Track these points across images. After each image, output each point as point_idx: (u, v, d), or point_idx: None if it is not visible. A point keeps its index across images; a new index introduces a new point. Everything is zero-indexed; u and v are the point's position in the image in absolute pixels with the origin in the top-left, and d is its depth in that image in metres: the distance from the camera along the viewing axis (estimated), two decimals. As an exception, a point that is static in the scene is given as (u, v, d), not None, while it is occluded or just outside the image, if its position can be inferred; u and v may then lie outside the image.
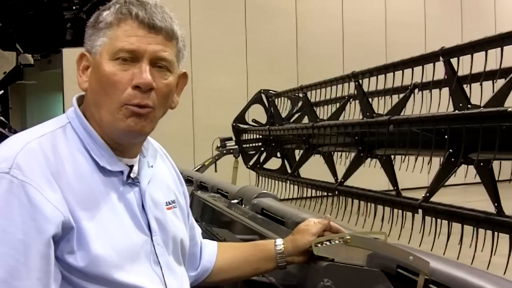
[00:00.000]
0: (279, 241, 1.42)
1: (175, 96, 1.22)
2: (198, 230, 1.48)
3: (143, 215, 1.18)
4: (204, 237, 1.53)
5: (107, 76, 1.11)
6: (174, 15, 1.18)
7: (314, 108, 4.80)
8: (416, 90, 3.54)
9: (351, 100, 4.35)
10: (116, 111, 1.12)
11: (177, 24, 1.17)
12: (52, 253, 1.02)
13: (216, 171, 5.92)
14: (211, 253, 1.47)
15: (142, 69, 1.11)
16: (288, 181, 5.09)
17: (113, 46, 1.11)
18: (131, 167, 1.18)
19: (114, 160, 1.15)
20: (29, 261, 0.99)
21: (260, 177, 5.86)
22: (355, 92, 4.07)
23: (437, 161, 3.09)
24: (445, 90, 3.08)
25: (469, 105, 2.82)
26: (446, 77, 3.03)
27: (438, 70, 3.14)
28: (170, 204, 1.28)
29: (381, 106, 3.80)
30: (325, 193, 4.41)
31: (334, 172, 4.35)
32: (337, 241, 1.35)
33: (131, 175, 1.18)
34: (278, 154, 5.56)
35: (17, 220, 0.99)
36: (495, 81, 2.91)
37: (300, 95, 5.15)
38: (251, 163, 5.96)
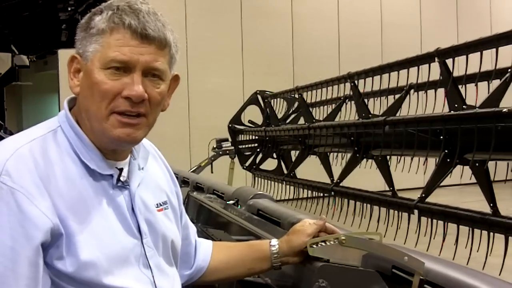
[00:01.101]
0: (274, 242, 1.42)
1: (166, 98, 1.22)
2: (192, 230, 1.48)
3: (133, 218, 1.18)
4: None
5: (98, 85, 1.10)
6: (167, 20, 1.16)
7: (310, 109, 4.80)
8: (412, 91, 3.54)
9: (347, 101, 4.35)
10: (105, 120, 1.11)
11: (169, 29, 1.16)
12: (40, 259, 1.02)
13: (212, 172, 5.92)
14: (206, 252, 1.47)
15: (134, 81, 1.10)
16: (284, 182, 5.09)
17: (105, 55, 1.10)
18: (121, 170, 1.18)
19: (104, 163, 1.15)
20: (18, 268, 0.99)
21: (256, 178, 5.85)
22: (351, 93, 4.07)
23: (432, 162, 3.09)
24: (441, 91, 3.09)
25: (464, 106, 2.82)
26: (441, 77, 3.03)
27: (434, 71, 3.14)
28: (161, 205, 1.28)
29: (376, 107, 3.81)
30: (321, 194, 4.40)
31: (330, 173, 4.35)
32: (332, 242, 1.35)
33: (121, 178, 1.18)
34: (274, 155, 5.56)
35: (6, 227, 1.00)
36: (490, 81, 2.92)
37: (296, 96, 5.15)
38: (247, 164, 5.95)
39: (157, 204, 1.26)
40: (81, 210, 1.08)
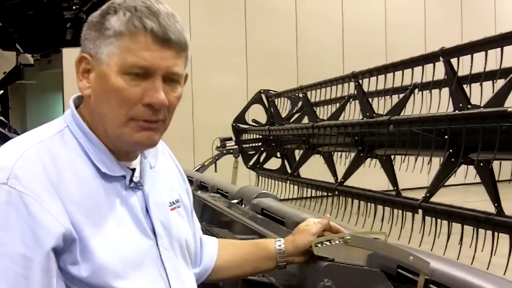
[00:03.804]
0: (280, 241, 1.42)
1: None
2: (198, 227, 1.46)
3: (148, 219, 1.15)
4: (204, 237, 1.52)
5: (117, 91, 1.06)
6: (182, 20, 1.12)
7: (314, 108, 4.80)
8: (416, 90, 3.54)
9: (351, 100, 4.35)
10: (123, 125, 1.08)
11: (186, 32, 1.11)
12: (53, 265, 0.99)
13: (216, 171, 5.92)
14: (212, 251, 1.46)
15: (155, 87, 1.07)
16: (288, 181, 5.09)
17: (124, 59, 1.06)
18: (133, 170, 1.15)
19: (116, 164, 1.12)
20: (30, 274, 0.96)
21: (260, 177, 5.86)
22: (355, 92, 4.07)
23: (437, 161, 3.09)
24: (445, 90, 3.08)
25: (469, 105, 2.82)
26: (446, 77, 3.03)
27: (438, 70, 3.14)
28: (174, 204, 1.25)
29: (381, 106, 3.80)
30: (325, 193, 4.40)
31: (334, 172, 4.35)
32: (337, 241, 1.35)
33: (134, 179, 1.15)
34: (278, 154, 5.56)
35: (16, 232, 0.96)
36: (495, 81, 2.91)
37: (300, 95, 5.15)
38: (251, 163, 5.96)
39: (170, 203, 1.24)
40: (94, 214, 1.05)
